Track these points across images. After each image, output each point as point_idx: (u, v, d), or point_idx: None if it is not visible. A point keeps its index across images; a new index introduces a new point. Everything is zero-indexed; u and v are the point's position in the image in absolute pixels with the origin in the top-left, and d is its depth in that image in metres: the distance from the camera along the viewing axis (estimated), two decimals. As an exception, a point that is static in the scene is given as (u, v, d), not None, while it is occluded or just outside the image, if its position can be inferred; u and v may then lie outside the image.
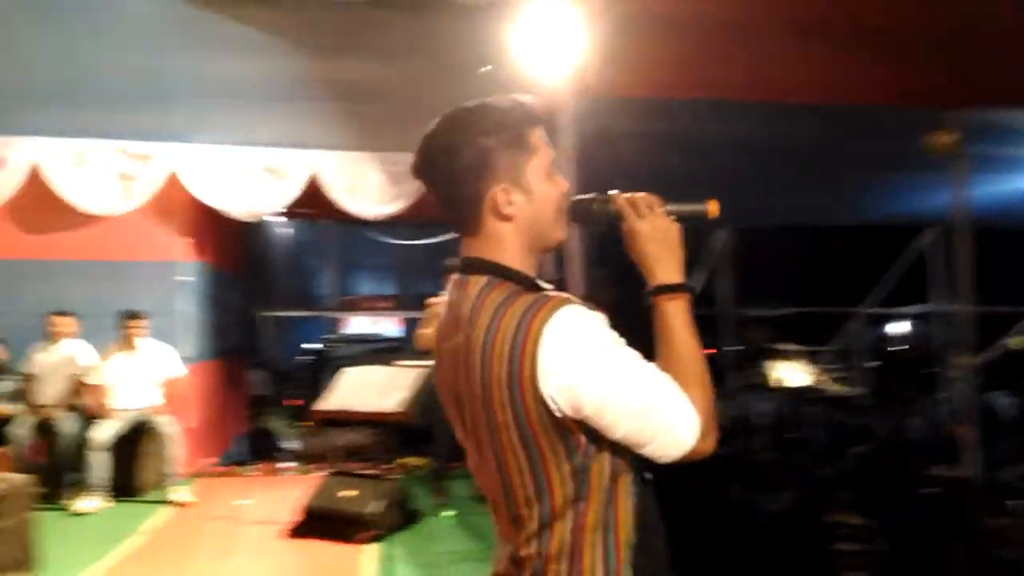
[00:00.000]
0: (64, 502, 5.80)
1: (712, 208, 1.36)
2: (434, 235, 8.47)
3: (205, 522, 5.55)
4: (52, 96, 6.57)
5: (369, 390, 3.98)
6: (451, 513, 5.57)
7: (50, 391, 6.15)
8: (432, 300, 5.83)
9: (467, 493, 5.92)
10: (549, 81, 6.20)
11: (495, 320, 1.19)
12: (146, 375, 6.24)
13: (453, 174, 1.27)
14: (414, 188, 6.74)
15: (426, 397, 3.84)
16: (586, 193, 1.38)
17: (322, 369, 8.87)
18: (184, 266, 6.97)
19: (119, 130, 6.66)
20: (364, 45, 6.67)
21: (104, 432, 5.87)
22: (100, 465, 5.79)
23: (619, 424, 1.17)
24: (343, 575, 4.57)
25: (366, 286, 11.26)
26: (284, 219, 9.44)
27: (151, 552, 4.95)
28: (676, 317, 1.26)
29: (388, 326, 10.54)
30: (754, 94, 5.03)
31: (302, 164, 6.81)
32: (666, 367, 1.22)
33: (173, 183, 6.70)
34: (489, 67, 5.96)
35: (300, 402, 8.28)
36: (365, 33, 6.70)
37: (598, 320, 1.20)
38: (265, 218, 8.22)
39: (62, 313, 6.24)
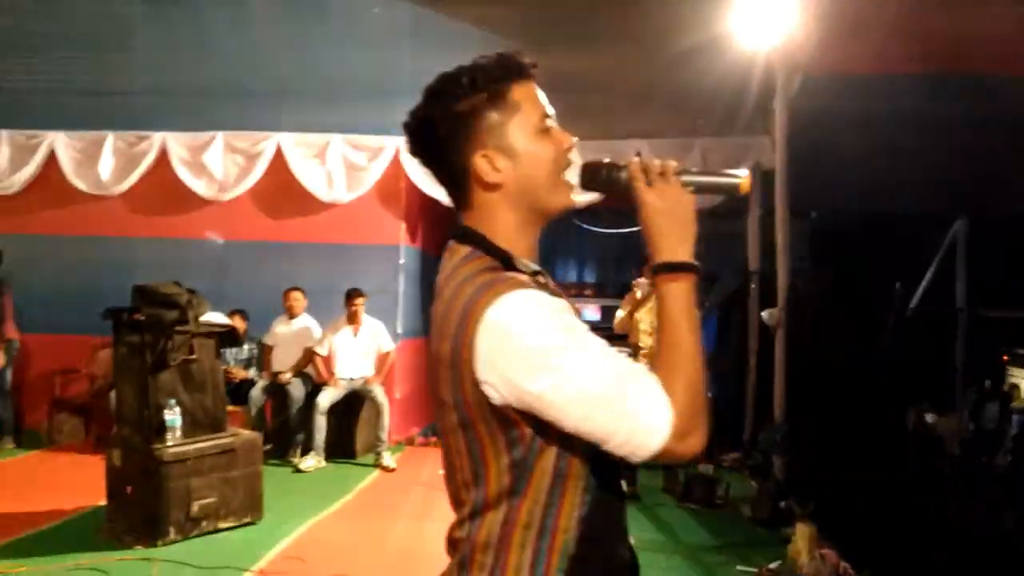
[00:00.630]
0: (289, 459, 6.49)
1: (744, 183, 1.17)
2: (637, 224, 8.48)
3: (408, 487, 5.95)
4: (297, 95, 7.32)
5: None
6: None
7: (283, 359, 6.89)
8: (637, 282, 5.83)
9: (657, 483, 5.86)
10: (764, 60, 5.94)
11: (454, 296, 1.12)
12: (364, 348, 6.79)
13: (435, 148, 1.19)
14: (615, 175, 6.75)
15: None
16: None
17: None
18: (401, 250, 7.48)
19: (351, 125, 7.27)
20: (576, 35, 6.74)
21: (327, 398, 6.48)
22: (321, 428, 6.40)
23: (567, 416, 1.05)
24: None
25: (569, 273, 11.47)
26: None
27: (359, 510, 5.39)
28: (675, 300, 1.12)
29: (589, 313, 10.71)
30: (993, 66, 4.45)
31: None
32: (656, 354, 1.11)
33: (395, 174, 7.21)
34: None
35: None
36: (577, 23, 6.77)
37: (553, 306, 1.08)
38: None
39: (296, 289, 6.94)
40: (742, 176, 1.18)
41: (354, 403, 6.74)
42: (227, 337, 5.48)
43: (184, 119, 7.37)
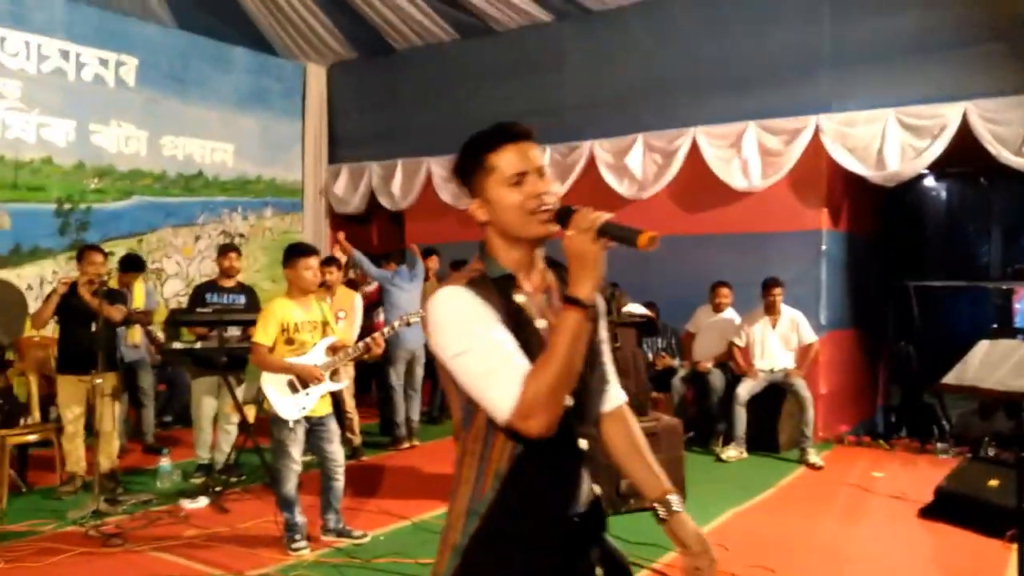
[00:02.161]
0: (711, 448, 6.58)
1: (642, 240, 1.40)
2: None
3: (836, 487, 5.61)
4: (713, 87, 7.38)
5: (1004, 366, 3.44)
6: None
7: (705, 349, 7.01)
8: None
9: None
10: None
11: None
12: (783, 340, 6.58)
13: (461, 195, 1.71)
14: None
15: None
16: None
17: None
18: (823, 234, 7.04)
19: (766, 108, 7.08)
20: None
21: (745, 389, 6.43)
22: (741, 419, 6.37)
23: (459, 380, 1.50)
24: (981, 572, 4.11)
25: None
26: (936, 179, 8.66)
27: (783, 504, 5.26)
28: (563, 322, 1.43)
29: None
30: None
31: (951, 116, 6.21)
32: (544, 353, 1.44)
33: (815, 154, 6.84)
34: None
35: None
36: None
37: (469, 301, 1.49)
38: (921, 179, 7.71)
39: (725, 285, 7.00)
40: (640, 236, 1.40)
41: (776, 396, 6.58)
42: (646, 326, 5.79)
43: (608, 126, 7.92)
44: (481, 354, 1.45)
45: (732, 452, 6.32)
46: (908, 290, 8.34)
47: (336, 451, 4.49)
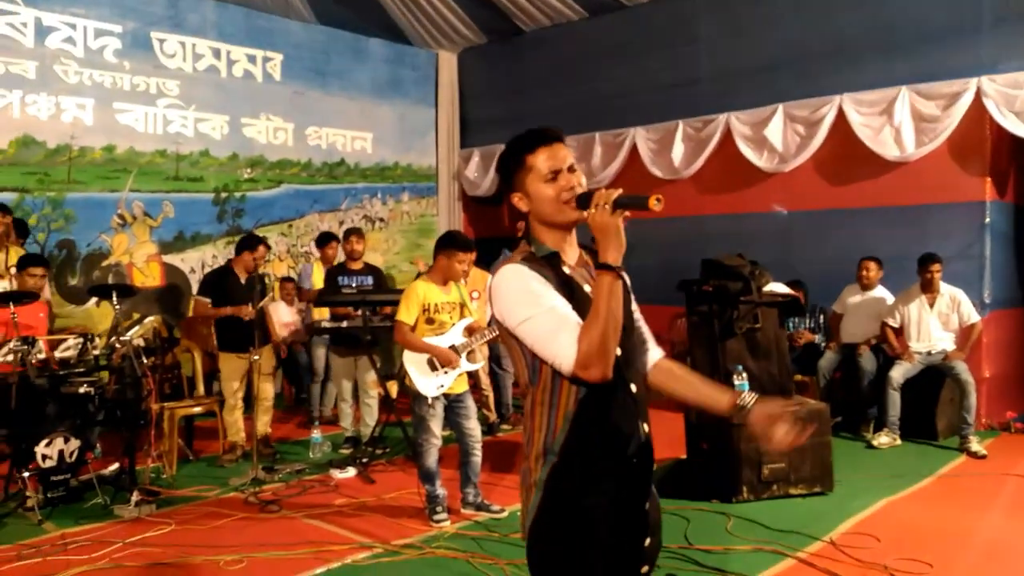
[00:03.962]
0: (861, 434, 6.24)
1: (651, 203, 1.63)
2: None
3: (1001, 478, 5.19)
4: (860, 52, 6.93)
5: None
6: None
7: (852, 329, 6.64)
8: None
9: None
10: None
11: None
12: (942, 320, 6.14)
13: (504, 188, 1.92)
14: None
15: None
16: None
17: None
18: (987, 206, 6.49)
19: (921, 72, 6.60)
20: None
21: (900, 373, 6.05)
22: (895, 404, 6.00)
23: (525, 341, 1.74)
24: None
25: None
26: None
27: (940, 495, 4.92)
28: (600, 286, 1.68)
29: None
30: None
31: None
32: (589, 314, 1.68)
33: (977, 119, 6.31)
34: None
35: None
36: None
37: (529, 275, 1.74)
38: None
39: (873, 259, 6.58)
40: (651, 200, 1.63)
41: (933, 380, 6.15)
42: (790, 307, 5.54)
43: (746, 97, 7.61)
44: (544, 318, 1.70)
45: (884, 438, 5.98)
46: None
47: (474, 427, 4.59)
